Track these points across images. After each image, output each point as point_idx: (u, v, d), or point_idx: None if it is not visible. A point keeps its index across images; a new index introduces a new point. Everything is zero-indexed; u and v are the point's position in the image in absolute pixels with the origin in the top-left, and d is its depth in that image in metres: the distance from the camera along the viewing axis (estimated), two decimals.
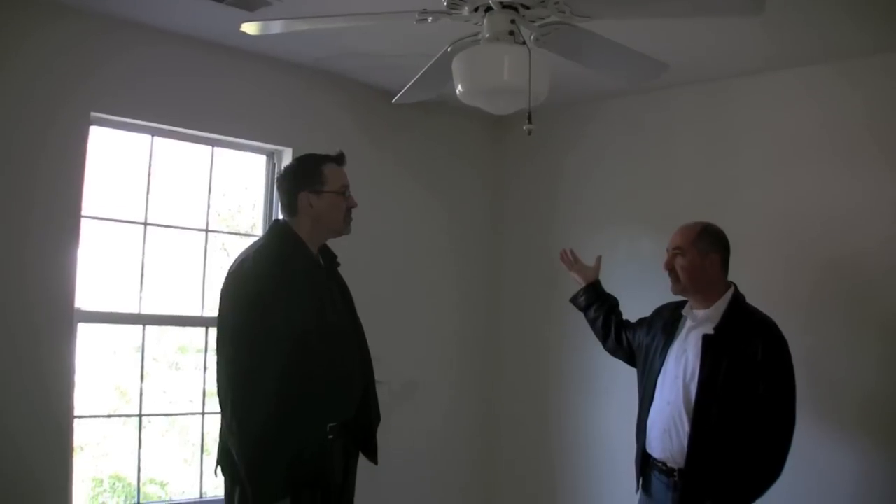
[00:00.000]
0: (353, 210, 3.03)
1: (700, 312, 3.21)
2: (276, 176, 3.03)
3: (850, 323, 3.87)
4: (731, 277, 3.28)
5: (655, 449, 3.21)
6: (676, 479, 3.09)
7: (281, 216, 3.04)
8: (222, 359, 2.74)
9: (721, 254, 3.23)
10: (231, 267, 2.86)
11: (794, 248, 4.07)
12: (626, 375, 3.69)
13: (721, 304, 3.16)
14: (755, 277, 3.60)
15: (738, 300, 3.19)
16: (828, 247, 3.97)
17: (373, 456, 3.06)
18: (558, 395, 5.07)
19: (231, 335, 2.73)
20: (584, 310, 3.79)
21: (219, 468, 2.84)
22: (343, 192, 2.98)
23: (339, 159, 3.01)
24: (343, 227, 3.02)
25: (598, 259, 3.87)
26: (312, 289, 2.86)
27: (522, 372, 5.31)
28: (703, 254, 3.20)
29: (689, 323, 3.25)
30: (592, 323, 3.76)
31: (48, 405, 3.60)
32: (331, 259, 3.08)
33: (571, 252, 3.91)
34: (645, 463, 3.27)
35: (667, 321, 3.38)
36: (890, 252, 3.78)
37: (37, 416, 3.55)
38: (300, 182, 2.94)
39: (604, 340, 3.74)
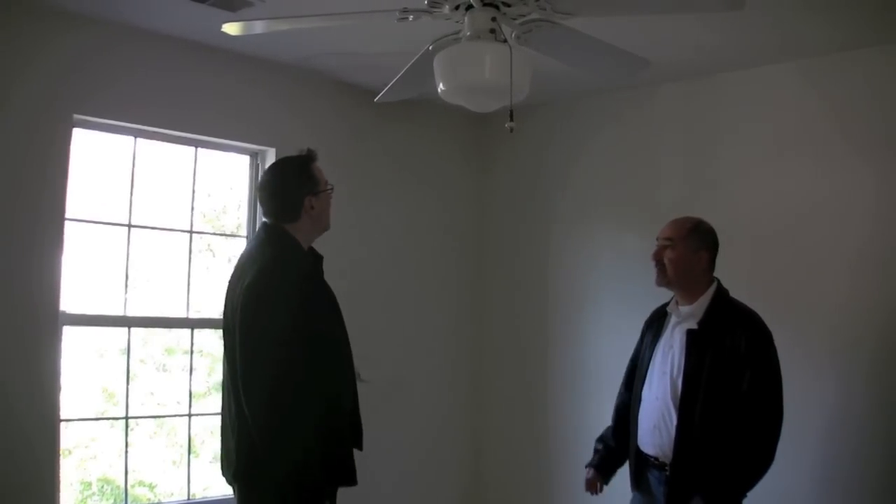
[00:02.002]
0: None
1: (684, 308, 3.22)
2: (264, 182, 2.99)
3: (833, 317, 3.90)
4: (717, 271, 3.28)
5: (647, 444, 3.22)
6: (668, 473, 3.11)
7: (265, 220, 2.99)
8: (253, 368, 2.70)
9: (710, 252, 3.24)
10: (246, 280, 2.78)
11: (778, 242, 4.09)
12: (615, 374, 3.69)
13: (704, 300, 3.17)
14: (738, 272, 3.61)
15: (721, 295, 3.20)
16: (811, 241, 3.99)
17: (359, 442, 3.07)
18: (546, 393, 5.08)
19: (263, 344, 2.69)
20: (605, 451, 3.55)
21: (223, 478, 2.85)
22: (331, 188, 3.01)
23: (315, 156, 3.01)
24: (328, 224, 3.04)
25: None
26: (320, 292, 2.90)
27: (510, 370, 5.32)
28: (693, 250, 3.20)
29: (674, 319, 3.27)
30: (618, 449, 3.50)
31: (34, 408, 3.59)
32: (319, 260, 3.09)
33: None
34: (638, 460, 3.29)
35: (653, 319, 3.42)
36: (870, 245, 3.81)
37: (23, 420, 3.54)
38: (303, 186, 2.93)
39: None
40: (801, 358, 3.78)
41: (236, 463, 2.78)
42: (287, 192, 2.93)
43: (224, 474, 2.93)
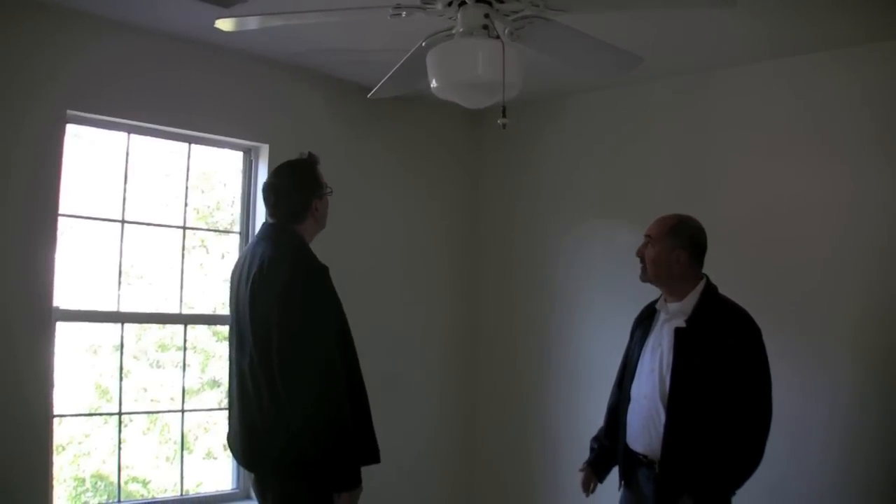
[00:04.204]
0: None
1: (673, 306, 3.22)
2: (273, 184, 3.10)
3: (824, 314, 3.92)
4: (708, 269, 3.28)
5: (636, 442, 3.22)
6: (657, 470, 3.11)
7: (271, 220, 3.09)
8: (300, 361, 2.79)
9: (689, 251, 3.20)
10: (274, 279, 2.87)
11: (773, 239, 4.10)
12: (608, 370, 3.69)
13: (693, 297, 3.16)
14: (732, 269, 3.63)
15: (709, 292, 3.19)
16: (807, 238, 4.01)
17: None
18: (539, 389, 5.09)
19: (310, 338, 2.81)
20: (600, 450, 3.53)
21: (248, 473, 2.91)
22: (331, 191, 3.15)
23: (319, 160, 3.15)
24: (326, 224, 3.18)
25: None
26: (333, 286, 2.99)
27: (503, 366, 5.33)
28: (670, 249, 3.18)
29: (662, 316, 3.26)
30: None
31: (27, 405, 3.59)
32: None
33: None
34: (627, 457, 3.29)
35: (642, 317, 3.42)
36: (864, 243, 3.83)
37: (15, 416, 3.53)
38: (312, 190, 3.08)
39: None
40: (792, 355, 3.80)
41: (280, 456, 2.85)
42: (297, 195, 3.06)
43: (255, 468, 3.01)
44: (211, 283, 4.57)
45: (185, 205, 4.34)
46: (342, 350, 2.90)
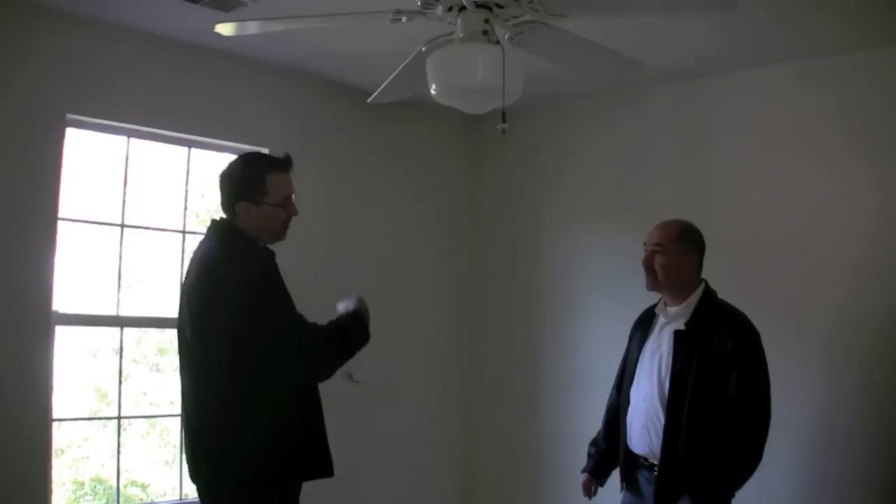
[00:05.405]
0: (299, 215, 2.86)
1: (672, 309, 3.24)
2: (220, 174, 2.82)
3: (825, 319, 3.91)
4: (706, 274, 3.30)
5: (636, 445, 3.24)
6: (657, 473, 3.12)
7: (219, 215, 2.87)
8: (212, 367, 2.65)
9: (698, 254, 3.26)
10: (200, 280, 2.70)
11: (771, 245, 4.10)
12: (607, 373, 3.70)
13: (692, 301, 3.19)
14: (730, 274, 3.62)
15: (708, 296, 3.21)
16: (804, 244, 4.00)
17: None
18: (539, 393, 5.08)
19: (250, 342, 2.59)
20: (598, 455, 3.56)
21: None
22: (284, 203, 2.79)
23: (286, 164, 2.81)
24: (279, 236, 2.84)
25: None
26: (277, 289, 2.71)
27: (503, 370, 5.32)
28: (683, 253, 3.22)
29: (661, 320, 3.28)
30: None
31: (27, 408, 3.58)
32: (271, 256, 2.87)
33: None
34: (628, 460, 3.30)
35: (641, 321, 3.44)
36: (863, 248, 3.83)
37: (14, 420, 3.53)
38: (240, 191, 2.74)
39: None
40: (793, 359, 3.80)
41: (229, 466, 2.66)
42: (226, 190, 2.78)
43: (200, 481, 2.76)
44: None
45: (185, 209, 4.33)
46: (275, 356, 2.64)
